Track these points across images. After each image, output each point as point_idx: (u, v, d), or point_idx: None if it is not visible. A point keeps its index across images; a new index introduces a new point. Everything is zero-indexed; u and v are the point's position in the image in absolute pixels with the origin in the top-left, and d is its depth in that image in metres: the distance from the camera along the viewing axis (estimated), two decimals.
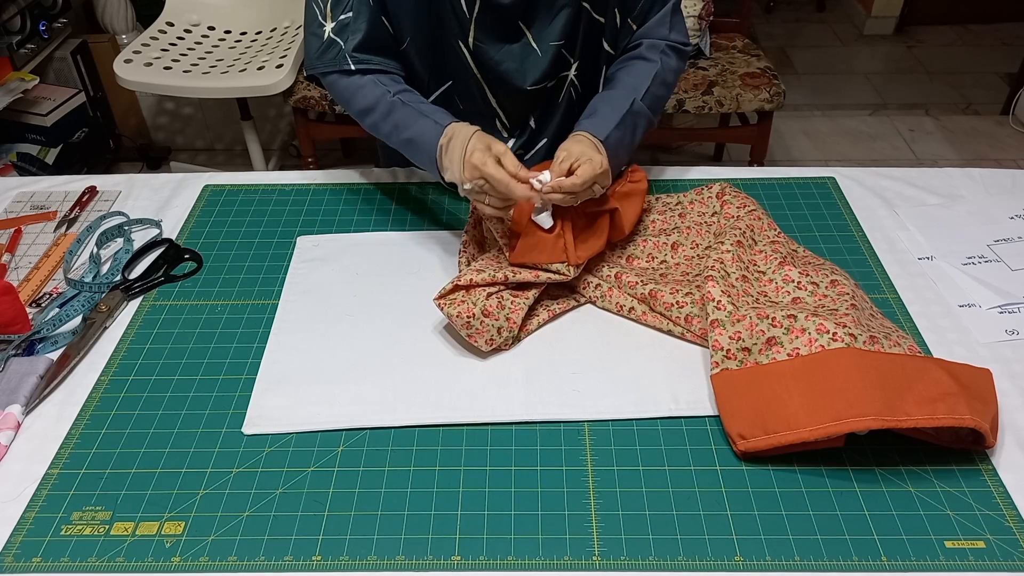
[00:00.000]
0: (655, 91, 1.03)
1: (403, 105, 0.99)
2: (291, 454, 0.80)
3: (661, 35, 1.05)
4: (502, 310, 0.89)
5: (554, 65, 1.05)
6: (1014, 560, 0.70)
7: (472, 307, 0.87)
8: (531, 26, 1.03)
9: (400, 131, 0.99)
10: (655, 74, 1.03)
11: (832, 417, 0.75)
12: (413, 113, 0.98)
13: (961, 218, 1.09)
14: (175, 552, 0.72)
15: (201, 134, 2.77)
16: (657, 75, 1.03)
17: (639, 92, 1.01)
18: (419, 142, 0.97)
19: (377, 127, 1.02)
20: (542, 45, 1.04)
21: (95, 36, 2.53)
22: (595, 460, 0.79)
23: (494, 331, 0.88)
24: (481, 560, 0.71)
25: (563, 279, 0.93)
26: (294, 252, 1.06)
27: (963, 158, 2.67)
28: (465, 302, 0.88)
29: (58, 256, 1.05)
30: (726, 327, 0.86)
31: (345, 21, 1.01)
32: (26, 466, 0.80)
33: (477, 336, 0.88)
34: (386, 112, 1.00)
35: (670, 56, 1.06)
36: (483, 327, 0.87)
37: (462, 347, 0.91)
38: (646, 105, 1.02)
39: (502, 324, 0.88)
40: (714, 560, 0.71)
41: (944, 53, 3.35)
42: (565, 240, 0.92)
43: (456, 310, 0.87)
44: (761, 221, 1.00)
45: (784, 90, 2.12)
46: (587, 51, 1.07)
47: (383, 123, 1.01)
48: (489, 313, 0.88)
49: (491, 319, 0.88)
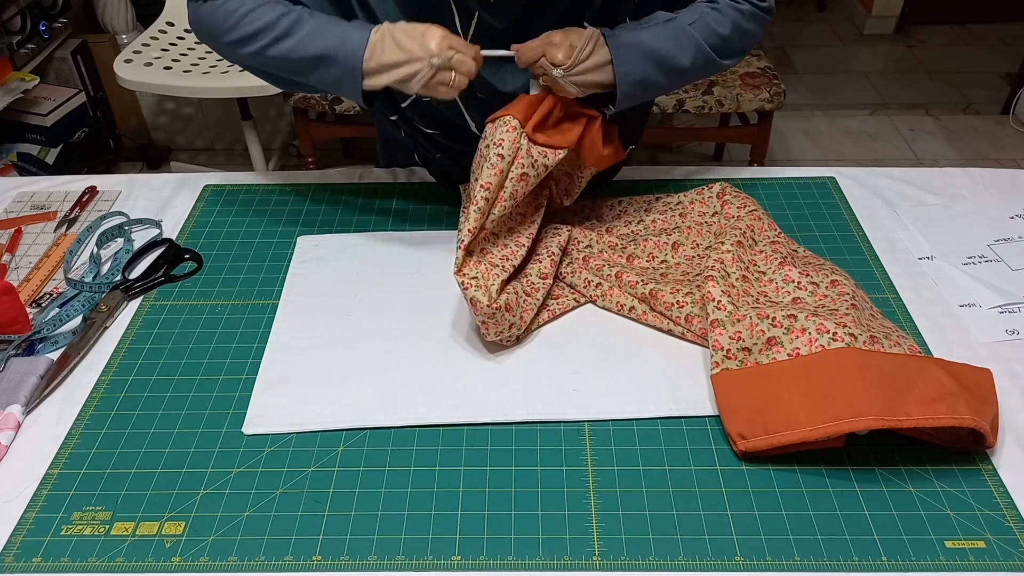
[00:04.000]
0: (709, 22, 0.92)
1: (312, 17, 0.87)
2: (291, 454, 0.80)
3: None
4: (518, 307, 0.89)
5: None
6: (1014, 560, 0.70)
7: (495, 299, 0.86)
8: None
9: (305, 45, 0.87)
10: (713, 8, 0.93)
11: (832, 417, 0.75)
12: (326, 23, 0.87)
13: (961, 218, 1.09)
14: (175, 552, 0.72)
15: (201, 134, 2.77)
16: (716, 10, 0.93)
17: (686, 19, 0.92)
18: (337, 50, 0.86)
19: (270, 49, 0.88)
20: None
21: (95, 36, 2.54)
22: (595, 460, 0.79)
23: (506, 326, 0.88)
24: (481, 560, 0.71)
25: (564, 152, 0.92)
26: (294, 252, 1.06)
27: (963, 158, 2.67)
28: (487, 290, 0.86)
29: (58, 256, 1.05)
30: (726, 327, 0.86)
31: None
32: (26, 466, 0.80)
33: (492, 326, 0.87)
34: (287, 28, 0.87)
35: (739, 2, 0.94)
36: (502, 320, 0.87)
37: (462, 347, 0.91)
38: (698, 31, 0.91)
39: (514, 321, 0.89)
40: (714, 560, 0.71)
41: (944, 53, 3.35)
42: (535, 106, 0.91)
43: (485, 298, 0.85)
44: (761, 221, 1.00)
45: (784, 90, 2.12)
46: None
47: (281, 43, 0.87)
48: (510, 308, 0.88)
49: (510, 314, 0.88)
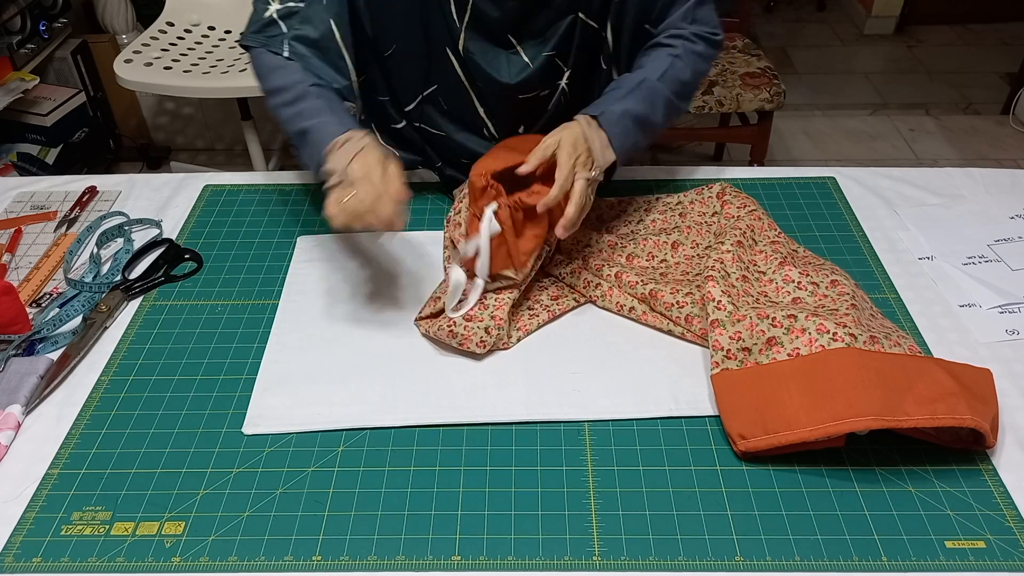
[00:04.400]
0: (675, 73, 0.97)
1: (315, 98, 0.95)
2: (291, 454, 0.80)
3: (682, 27, 0.99)
4: (485, 310, 0.89)
5: (546, 74, 1.04)
6: (1014, 560, 0.70)
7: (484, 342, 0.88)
8: (522, 37, 1.01)
9: (301, 119, 0.94)
10: (675, 56, 0.97)
11: (832, 417, 0.75)
12: (322, 107, 0.94)
13: (961, 218, 1.09)
14: (175, 552, 0.72)
15: (201, 134, 2.77)
16: (678, 57, 0.97)
17: (655, 73, 0.96)
18: (316, 134, 0.92)
19: (279, 109, 0.96)
20: (533, 55, 1.02)
21: (95, 36, 2.53)
22: (595, 460, 0.79)
23: (482, 332, 0.88)
24: (481, 560, 0.71)
25: (515, 282, 0.91)
26: (294, 252, 1.06)
27: (963, 158, 2.67)
28: (474, 338, 0.88)
29: (58, 256, 1.05)
30: (726, 327, 0.86)
31: (293, 8, 0.97)
32: (26, 466, 0.80)
33: (467, 342, 0.88)
34: (296, 97, 0.95)
35: (695, 42, 0.99)
36: (469, 332, 0.88)
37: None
38: (665, 85, 0.96)
39: (488, 324, 0.89)
40: (714, 560, 0.71)
41: (944, 53, 3.34)
42: (508, 247, 0.90)
43: (436, 325, 0.88)
44: (761, 221, 1.00)
45: (784, 90, 2.12)
46: (581, 60, 1.04)
47: (289, 107, 0.95)
48: (471, 317, 0.88)
49: (475, 322, 0.88)
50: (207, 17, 2.31)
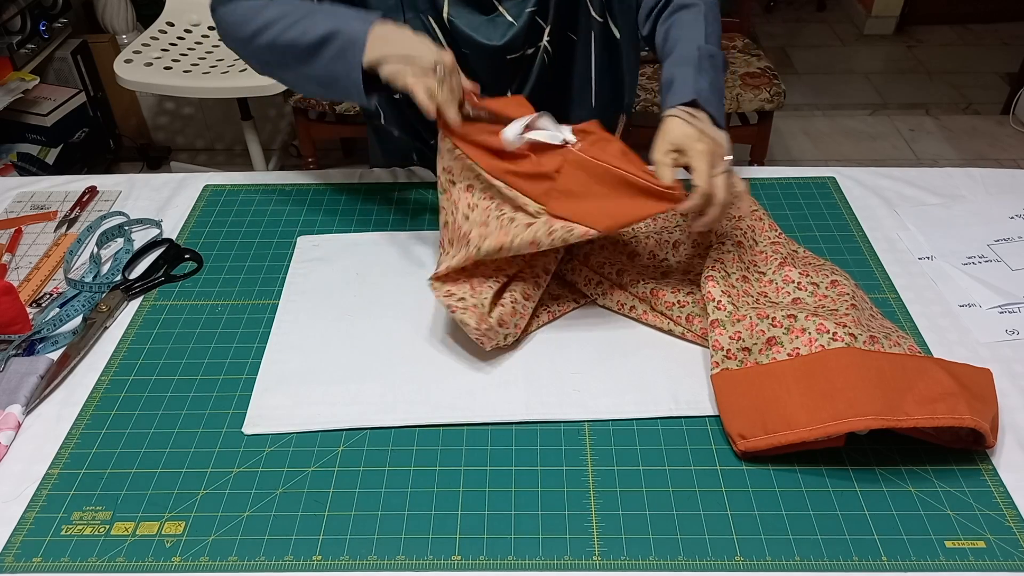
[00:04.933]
0: (711, 29, 1.02)
1: (325, 6, 0.91)
2: (291, 454, 0.80)
3: None
4: (514, 316, 0.89)
5: (530, 32, 1.04)
6: (1014, 560, 0.70)
7: (487, 317, 0.86)
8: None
9: (308, 32, 0.90)
10: (704, 16, 1.02)
11: (832, 416, 0.75)
12: (338, 10, 0.91)
13: (961, 218, 1.09)
14: (175, 552, 0.72)
15: (201, 134, 2.77)
16: (707, 16, 1.02)
17: (699, 37, 0.99)
18: (342, 27, 0.89)
19: (279, 37, 0.92)
20: (516, 13, 1.03)
21: (95, 36, 2.54)
22: (595, 460, 0.79)
23: (501, 337, 0.88)
24: (481, 560, 0.71)
25: (530, 220, 0.86)
26: (294, 252, 1.06)
27: (963, 158, 2.67)
28: (477, 309, 0.86)
29: (58, 256, 1.05)
30: (726, 327, 0.86)
31: None
32: (26, 466, 0.80)
33: (487, 342, 0.88)
34: (297, 18, 0.91)
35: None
36: (495, 336, 0.87)
37: (462, 347, 0.91)
38: (714, 45, 1.00)
39: (510, 331, 0.89)
40: (714, 560, 0.71)
41: (944, 53, 3.35)
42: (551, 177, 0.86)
43: (473, 319, 0.85)
44: (762, 222, 1.00)
45: (784, 90, 2.12)
46: (560, 17, 1.05)
47: (287, 31, 0.91)
48: (504, 323, 0.88)
49: (504, 328, 0.88)
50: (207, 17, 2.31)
